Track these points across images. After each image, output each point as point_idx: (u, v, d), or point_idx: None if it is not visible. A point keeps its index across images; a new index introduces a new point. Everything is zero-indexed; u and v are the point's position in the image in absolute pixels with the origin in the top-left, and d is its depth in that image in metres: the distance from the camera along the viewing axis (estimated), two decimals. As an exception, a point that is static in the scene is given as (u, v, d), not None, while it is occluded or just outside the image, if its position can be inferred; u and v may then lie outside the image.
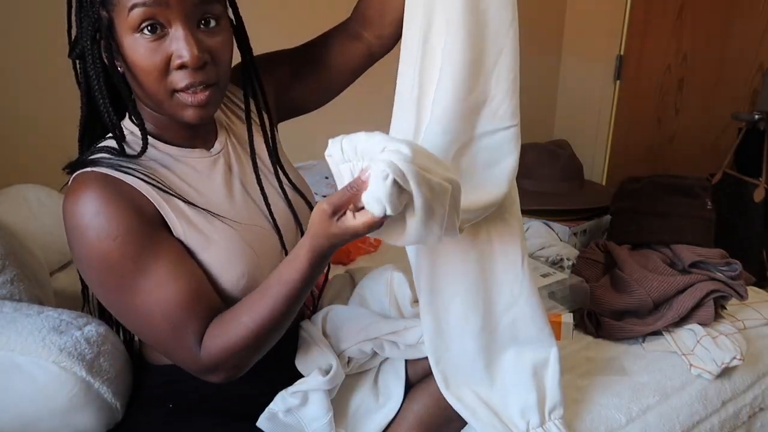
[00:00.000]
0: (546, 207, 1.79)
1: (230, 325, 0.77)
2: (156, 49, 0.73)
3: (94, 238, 0.73)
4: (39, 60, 1.46)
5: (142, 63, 0.74)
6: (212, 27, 0.77)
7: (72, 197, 0.75)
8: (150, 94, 0.77)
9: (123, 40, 0.74)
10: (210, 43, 0.76)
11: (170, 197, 0.80)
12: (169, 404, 0.89)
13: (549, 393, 1.01)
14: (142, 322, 0.78)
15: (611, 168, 2.77)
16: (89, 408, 0.85)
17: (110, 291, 0.77)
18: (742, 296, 1.37)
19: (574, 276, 1.46)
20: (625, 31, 2.58)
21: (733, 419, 1.25)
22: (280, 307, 0.75)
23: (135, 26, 0.72)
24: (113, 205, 0.74)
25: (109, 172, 0.77)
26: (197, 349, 0.77)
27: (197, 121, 0.79)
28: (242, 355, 0.78)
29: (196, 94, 0.76)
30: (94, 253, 0.74)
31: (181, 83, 0.75)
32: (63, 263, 1.36)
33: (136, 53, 0.74)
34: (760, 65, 2.19)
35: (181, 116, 0.78)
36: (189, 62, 0.73)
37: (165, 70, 0.74)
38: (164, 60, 0.74)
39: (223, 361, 0.77)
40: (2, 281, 0.97)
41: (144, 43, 0.73)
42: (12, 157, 1.49)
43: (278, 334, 0.80)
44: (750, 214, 2.00)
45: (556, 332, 1.37)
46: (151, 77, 0.75)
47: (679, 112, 2.48)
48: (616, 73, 2.63)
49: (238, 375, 0.81)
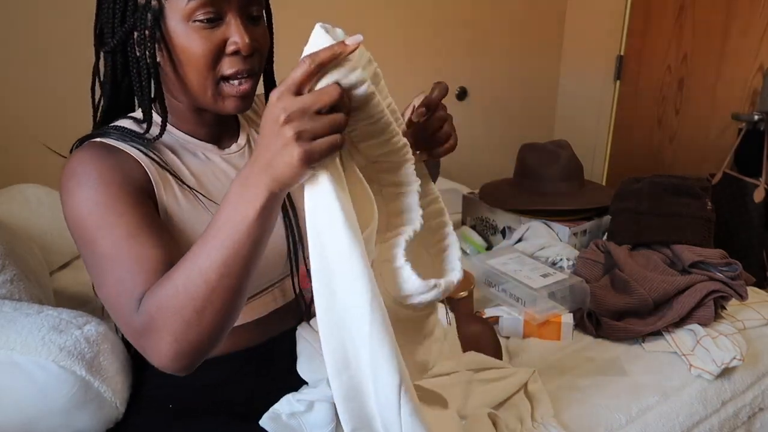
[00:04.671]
0: (546, 207, 1.79)
1: (164, 280, 0.68)
2: (209, 36, 0.77)
3: (74, 193, 0.75)
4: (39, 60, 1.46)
5: (194, 49, 0.77)
6: (257, 21, 0.82)
7: (71, 158, 0.78)
8: (194, 83, 0.80)
9: (173, 28, 0.77)
10: (256, 34, 0.80)
11: (166, 174, 0.82)
12: (169, 404, 0.89)
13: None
14: (95, 274, 0.74)
15: (611, 168, 2.77)
16: (89, 407, 0.85)
17: (78, 239, 0.76)
18: (742, 296, 1.37)
19: (574, 276, 1.46)
20: (625, 31, 2.59)
21: (732, 419, 1.25)
22: (219, 257, 0.64)
23: (190, 14, 0.76)
24: (103, 162, 0.76)
25: (112, 142, 0.80)
26: (135, 307, 0.69)
27: (235, 112, 0.82)
28: (176, 322, 0.65)
29: (240, 85, 0.80)
30: (72, 201, 0.75)
31: (230, 70, 0.78)
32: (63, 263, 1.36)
33: (189, 39, 0.77)
34: (760, 65, 2.19)
35: (221, 106, 0.81)
36: (243, 48, 0.77)
37: (217, 56, 0.78)
38: (218, 45, 0.77)
39: (154, 322, 0.66)
40: (2, 281, 0.97)
41: (198, 30, 0.76)
42: (12, 157, 1.49)
43: (225, 303, 0.66)
44: (750, 214, 2.00)
45: (556, 332, 1.38)
46: (200, 63, 0.78)
47: (679, 112, 2.49)
48: (616, 73, 2.63)
49: (183, 361, 0.68)
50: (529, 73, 2.66)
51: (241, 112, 0.86)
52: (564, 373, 1.23)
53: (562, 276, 1.44)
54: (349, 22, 1.01)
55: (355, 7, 2.06)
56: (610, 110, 2.70)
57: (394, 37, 2.16)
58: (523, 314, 1.39)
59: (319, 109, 0.58)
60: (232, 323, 0.70)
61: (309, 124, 0.58)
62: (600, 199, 1.83)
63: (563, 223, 1.77)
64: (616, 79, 2.64)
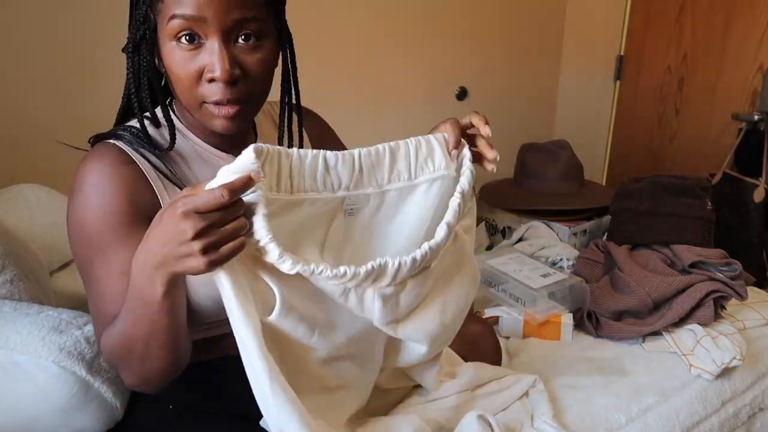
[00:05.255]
0: (546, 207, 1.79)
1: (115, 326, 0.74)
2: (190, 59, 0.75)
3: (80, 203, 0.78)
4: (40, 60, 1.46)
5: (176, 70, 0.76)
6: (251, 44, 0.77)
7: (84, 161, 0.79)
8: (183, 99, 0.80)
9: (163, 45, 0.77)
10: (245, 59, 0.76)
11: (173, 187, 0.82)
12: (169, 405, 0.89)
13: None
14: (84, 281, 0.80)
15: (611, 168, 2.77)
16: (89, 407, 0.85)
17: (75, 253, 0.80)
18: (742, 296, 1.37)
19: (574, 276, 1.46)
20: (625, 31, 2.58)
21: (732, 419, 1.25)
22: (140, 323, 0.70)
23: (173, 35, 0.75)
24: (112, 184, 0.78)
25: (125, 147, 0.81)
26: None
27: (225, 132, 0.80)
28: (126, 362, 0.74)
29: (223, 106, 0.77)
30: (75, 216, 0.78)
31: (210, 97, 0.76)
32: (63, 263, 1.36)
33: (172, 60, 0.76)
34: (760, 65, 2.18)
35: (210, 125, 0.80)
36: (219, 77, 0.74)
37: (197, 80, 0.76)
38: (197, 71, 0.76)
39: (112, 358, 0.77)
40: (2, 281, 0.97)
41: (180, 52, 0.75)
42: (12, 157, 1.49)
43: (165, 349, 0.72)
44: (750, 214, 2.00)
45: (556, 332, 1.38)
46: (183, 85, 0.77)
47: (679, 112, 2.49)
48: (616, 73, 2.63)
49: (146, 387, 0.78)
50: (529, 73, 2.66)
51: (231, 133, 0.81)
52: (564, 373, 1.23)
53: (562, 276, 1.44)
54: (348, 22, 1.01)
55: (355, 6, 2.06)
56: (610, 110, 2.70)
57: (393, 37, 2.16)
58: (523, 314, 1.39)
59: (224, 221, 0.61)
60: (182, 356, 0.76)
61: (216, 237, 0.61)
62: (600, 199, 1.83)
63: (563, 223, 1.77)
64: (616, 79, 2.64)
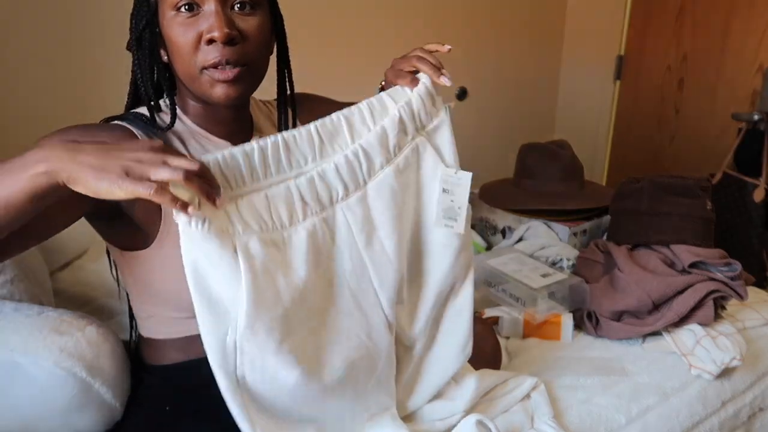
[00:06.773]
0: (546, 207, 1.79)
1: None
2: (190, 25, 0.78)
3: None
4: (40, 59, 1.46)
5: (177, 39, 0.78)
6: (247, 11, 0.80)
7: (93, 133, 0.81)
8: (183, 74, 0.81)
9: (164, 20, 0.79)
10: (242, 24, 0.80)
11: None
12: (167, 406, 0.89)
13: None
14: None
15: (611, 168, 2.77)
16: (89, 408, 0.85)
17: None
18: (742, 296, 1.37)
19: (574, 276, 1.46)
20: (625, 31, 2.59)
21: (732, 419, 1.25)
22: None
23: (173, 4, 0.78)
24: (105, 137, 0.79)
25: (128, 125, 0.83)
26: None
27: (226, 100, 0.81)
28: None
29: (224, 71, 0.78)
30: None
31: (210, 59, 0.78)
32: (63, 263, 1.36)
33: (172, 30, 0.79)
34: (760, 65, 2.18)
35: (210, 95, 0.81)
36: (218, 36, 0.76)
37: (196, 46, 0.78)
38: (196, 36, 0.78)
39: None
40: (2, 281, 0.97)
41: (180, 20, 0.78)
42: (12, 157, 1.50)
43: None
44: (750, 214, 2.00)
45: (556, 332, 1.38)
46: (183, 52, 0.79)
47: (679, 112, 2.49)
48: (616, 73, 2.63)
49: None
50: (529, 73, 2.66)
51: (233, 102, 0.82)
52: (564, 373, 1.23)
53: (561, 276, 1.44)
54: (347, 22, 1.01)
55: (354, 6, 2.06)
56: (610, 110, 2.70)
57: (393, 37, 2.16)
58: (523, 314, 1.39)
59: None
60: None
61: (165, 173, 0.61)
62: (600, 199, 1.83)
63: (563, 223, 1.77)
64: (616, 78, 2.64)
